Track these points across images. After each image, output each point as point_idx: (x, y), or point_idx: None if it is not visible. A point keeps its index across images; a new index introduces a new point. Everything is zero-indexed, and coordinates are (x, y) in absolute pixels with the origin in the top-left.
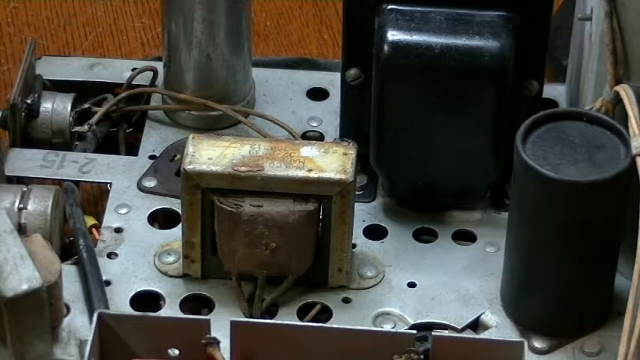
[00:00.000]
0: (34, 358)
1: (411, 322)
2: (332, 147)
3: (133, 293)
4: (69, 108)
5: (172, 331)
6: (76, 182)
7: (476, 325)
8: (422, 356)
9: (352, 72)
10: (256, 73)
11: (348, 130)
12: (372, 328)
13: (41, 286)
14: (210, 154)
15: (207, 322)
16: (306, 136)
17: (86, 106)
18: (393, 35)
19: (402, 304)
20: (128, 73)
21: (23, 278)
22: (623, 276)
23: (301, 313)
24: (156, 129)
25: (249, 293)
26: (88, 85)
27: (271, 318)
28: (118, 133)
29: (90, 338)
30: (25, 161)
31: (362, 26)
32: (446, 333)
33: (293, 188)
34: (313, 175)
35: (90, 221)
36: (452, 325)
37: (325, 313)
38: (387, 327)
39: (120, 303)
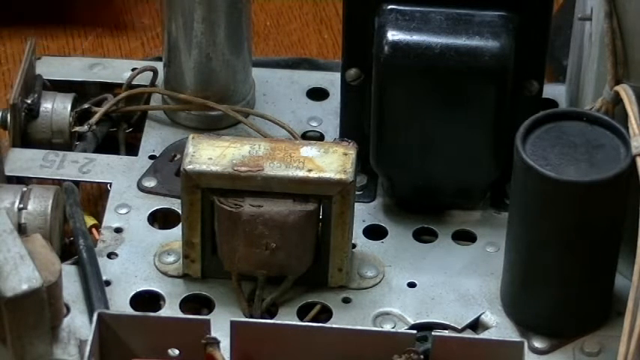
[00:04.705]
0: (34, 358)
1: (411, 322)
2: (332, 147)
3: (133, 293)
4: (69, 108)
5: (172, 331)
6: (76, 182)
7: (476, 325)
8: (422, 356)
9: (352, 72)
10: (256, 73)
11: (348, 130)
12: (372, 328)
13: (41, 286)
14: (210, 154)
15: (207, 322)
16: (306, 136)
17: (86, 106)
18: (393, 35)
19: (402, 304)
20: (128, 73)
21: (23, 278)
22: (623, 276)
23: (301, 313)
24: (156, 129)
25: (249, 293)
26: (88, 85)
27: (271, 318)
28: (118, 133)
29: (90, 338)
30: (25, 161)
31: (362, 26)
32: (446, 333)
33: (293, 188)
34: (313, 175)
35: (90, 221)
36: (452, 325)
37: (325, 313)
38: (387, 327)
39: (120, 303)
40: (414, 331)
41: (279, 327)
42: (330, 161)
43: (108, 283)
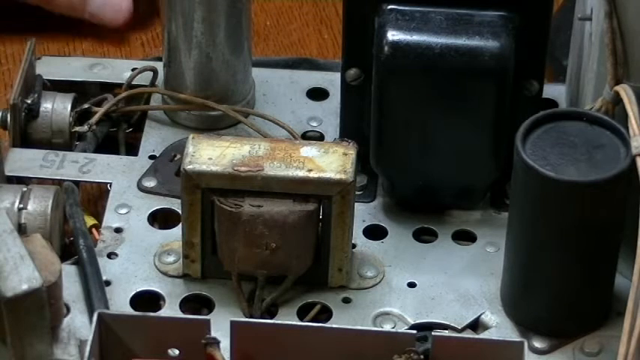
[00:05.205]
0: (34, 358)
1: (411, 322)
2: (332, 147)
3: (133, 293)
4: (69, 108)
5: (172, 331)
6: (76, 182)
7: (476, 325)
8: (422, 356)
9: (352, 72)
10: (256, 73)
11: (348, 130)
12: (372, 328)
13: (41, 286)
14: (210, 154)
15: (207, 322)
16: (306, 136)
17: (86, 106)
18: (393, 35)
19: (402, 304)
20: (128, 73)
21: (23, 278)
22: (623, 276)
23: (301, 313)
24: (156, 129)
25: (249, 293)
26: (88, 85)
27: (271, 318)
28: (118, 133)
29: (90, 338)
30: (25, 161)
31: (362, 26)
32: (446, 333)
33: (293, 188)
34: (313, 175)
35: (90, 221)
36: (452, 325)
37: (325, 313)
38: (387, 327)
39: (120, 303)
40: (414, 331)
41: (279, 327)
42: (330, 161)
43: (108, 283)
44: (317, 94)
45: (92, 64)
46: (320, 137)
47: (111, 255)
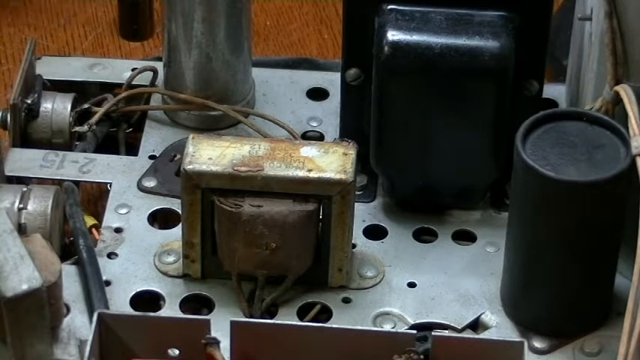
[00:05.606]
0: (34, 358)
1: (411, 322)
2: (332, 147)
3: (133, 293)
4: (69, 108)
5: (172, 331)
6: (76, 182)
7: (476, 325)
8: (422, 356)
9: (352, 72)
10: (256, 73)
11: (348, 130)
12: (372, 328)
13: (41, 286)
14: (210, 154)
15: (207, 322)
16: (306, 136)
17: (86, 106)
18: (393, 35)
19: (402, 304)
20: (128, 73)
21: (23, 278)
22: (623, 276)
23: (301, 313)
24: (156, 129)
25: (249, 293)
26: (88, 85)
27: (271, 318)
28: (118, 133)
29: (90, 338)
30: (25, 161)
31: (362, 26)
32: (446, 333)
33: (293, 188)
34: (313, 175)
35: (90, 221)
36: (452, 325)
37: (325, 313)
38: (387, 327)
39: (120, 303)
40: (414, 331)
41: (279, 327)
42: (330, 161)
43: (108, 283)
44: (317, 94)
45: (92, 64)
46: (320, 137)
47: (111, 255)
